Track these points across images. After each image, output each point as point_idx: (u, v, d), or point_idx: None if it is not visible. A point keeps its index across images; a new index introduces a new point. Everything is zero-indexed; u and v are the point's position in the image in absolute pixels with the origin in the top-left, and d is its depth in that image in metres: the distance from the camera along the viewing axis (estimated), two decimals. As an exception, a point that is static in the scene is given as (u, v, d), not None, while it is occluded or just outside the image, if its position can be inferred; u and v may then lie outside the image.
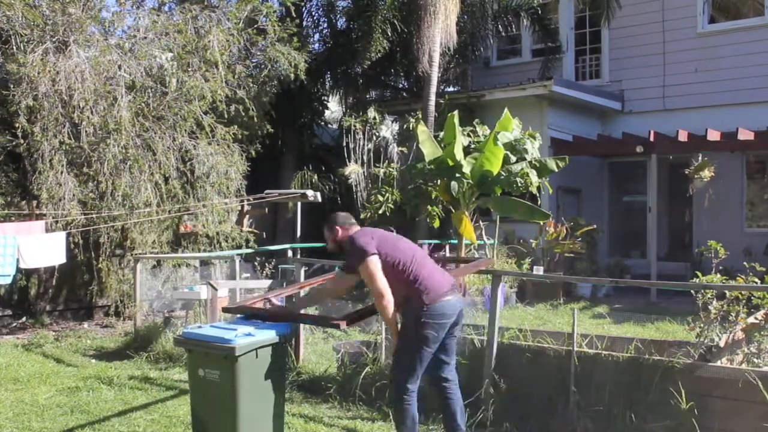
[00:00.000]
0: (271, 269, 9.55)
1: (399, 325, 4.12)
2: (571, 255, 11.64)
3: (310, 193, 11.41)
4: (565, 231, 11.43)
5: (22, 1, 8.92)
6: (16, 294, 9.76)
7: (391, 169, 12.62)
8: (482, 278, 9.74)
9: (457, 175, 9.47)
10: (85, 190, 9.04)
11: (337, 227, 4.35)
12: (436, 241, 12.11)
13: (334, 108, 15.70)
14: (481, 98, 13.18)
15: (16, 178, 9.42)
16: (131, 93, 9.35)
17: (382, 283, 4.00)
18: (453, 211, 10.10)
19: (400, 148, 12.94)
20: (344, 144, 12.68)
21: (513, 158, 9.64)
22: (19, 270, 7.85)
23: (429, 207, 10.86)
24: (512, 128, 9.90)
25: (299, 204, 11.94)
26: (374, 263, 4.02)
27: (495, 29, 14.62)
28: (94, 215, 9.00)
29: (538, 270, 10.60)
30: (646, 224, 12.64)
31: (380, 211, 11.76)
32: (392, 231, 4.81)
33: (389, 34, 12.70)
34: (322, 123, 15.22)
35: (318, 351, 7.10)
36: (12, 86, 8.62)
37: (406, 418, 4.07)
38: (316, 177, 12.99)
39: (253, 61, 11.83)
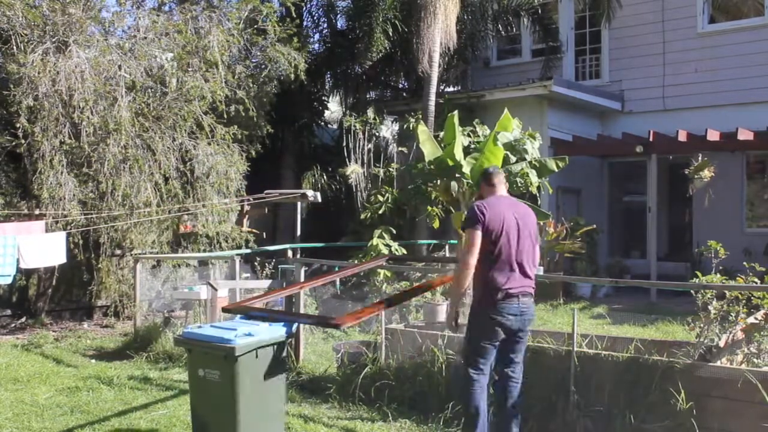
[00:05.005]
0: (271, 269, 9.55)
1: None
2: (571, 255, 11.64)
3: (310, 193, 11.40)
4: (565, 231, 11.42)
5: (22, 1, 8.91)
6: (15, 294, 9.76)
7: (391, 169, 12.62)
8: (482, 278, 9.71)
9: (457, 175, 9.47)
10: (85, 190, 9.04)
11: (482, 183, 4.52)
12: (435, 242, 12.12)
13: (334, 108, 15.69)
14: (480, 98, 13.16)
15: (16, 178, 9.41)
16: (131, 93, 9.35)
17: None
18: (453, 211, 10.10)
19: (400, 148, 12.94)
20: (344, 144, 12.67)
21: (513, 158, 9.63)
22: (18, 270, 7.85)
23: (429, 207, 10.85)
24: (512, 128, 9.89)
25: (299, 204, 11.94)
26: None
27: (495, 29, 14.61)
28: (94, 215, 9.00)
29: (538, 270, 10.57)
30: (646, 224, 12.63)
31: (380, 211, 11.76)
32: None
33: (390, 34, 12.70)
34: (322, 123, 15.20)
35: (318, 351, 7.10)
36: (12, 86, 8.62)
37: (469, 406, 4.14)
38: (324, 178, 12.93)
39: (253, 61, 11.83)
